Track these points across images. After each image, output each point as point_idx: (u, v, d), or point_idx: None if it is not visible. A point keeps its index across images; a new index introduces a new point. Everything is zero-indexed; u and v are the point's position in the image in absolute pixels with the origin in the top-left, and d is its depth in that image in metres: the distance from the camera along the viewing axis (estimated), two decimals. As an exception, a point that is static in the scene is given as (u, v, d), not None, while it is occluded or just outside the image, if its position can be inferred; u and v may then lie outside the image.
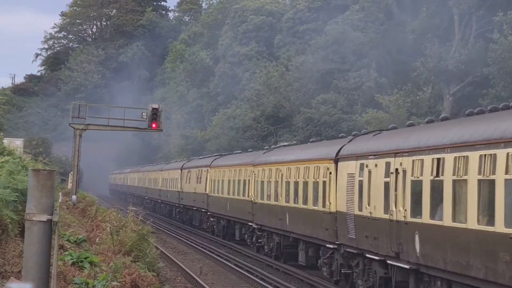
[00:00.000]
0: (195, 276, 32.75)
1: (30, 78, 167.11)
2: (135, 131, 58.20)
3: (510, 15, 52.23)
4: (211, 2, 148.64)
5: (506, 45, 51.29)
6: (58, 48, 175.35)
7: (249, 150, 55.75)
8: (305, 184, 32.87)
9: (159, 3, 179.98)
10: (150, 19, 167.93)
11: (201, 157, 67.80)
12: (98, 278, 19.76)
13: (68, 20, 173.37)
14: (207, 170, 55.59)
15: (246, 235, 45.34)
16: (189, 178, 62.33)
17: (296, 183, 34.12)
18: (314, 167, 31.68)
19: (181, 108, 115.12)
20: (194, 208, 61.14)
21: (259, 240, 41.91)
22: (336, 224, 28.90)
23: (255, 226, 42.02)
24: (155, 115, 49.43)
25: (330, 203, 29.56)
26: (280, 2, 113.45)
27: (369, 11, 78.82)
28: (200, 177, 57.73)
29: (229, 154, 56.79)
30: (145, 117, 49.73)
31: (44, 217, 12.72)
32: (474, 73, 56.91)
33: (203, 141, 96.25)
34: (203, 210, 56.86)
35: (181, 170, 66.84)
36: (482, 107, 26.37)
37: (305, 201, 32.89)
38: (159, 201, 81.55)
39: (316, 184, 31.47)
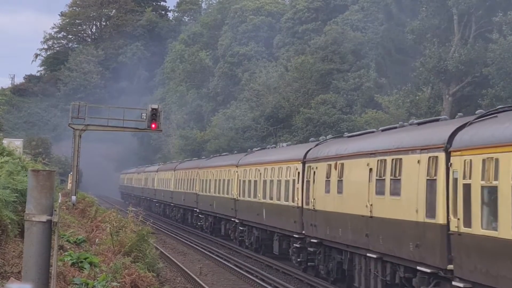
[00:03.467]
0: (194, 277, 32.74)
1: (29, 78, 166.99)
2: (134, 131, 58.03)
3: (510, 15, 52.22)
4: (210, 2, 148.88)
5: (506, 45, 51.26)
6: (57, 48, 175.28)
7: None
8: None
9: (159, 3, 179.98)
10: (150, 19, 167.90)
11: (348, 134, 34.03)
12: (98, 278, 19.76)
13: (67, 20, 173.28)
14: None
15: None
16: (332, 180, 29.87)
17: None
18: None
19: (181, 109, 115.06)
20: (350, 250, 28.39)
21: None
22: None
23: None
24: (154, 115, 49.41)
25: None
26: (280, 2, 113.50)
27: (368, 11, 78.96)
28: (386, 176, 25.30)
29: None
30: (144, 117, 49.72)
31: (44, 218, 12.73)
32: (473, 73, 56.87)
33: (203, 142, 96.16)
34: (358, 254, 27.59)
35: (304, 163, 34.48)
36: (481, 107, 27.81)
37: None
38: (235, 220, 47.57)
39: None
